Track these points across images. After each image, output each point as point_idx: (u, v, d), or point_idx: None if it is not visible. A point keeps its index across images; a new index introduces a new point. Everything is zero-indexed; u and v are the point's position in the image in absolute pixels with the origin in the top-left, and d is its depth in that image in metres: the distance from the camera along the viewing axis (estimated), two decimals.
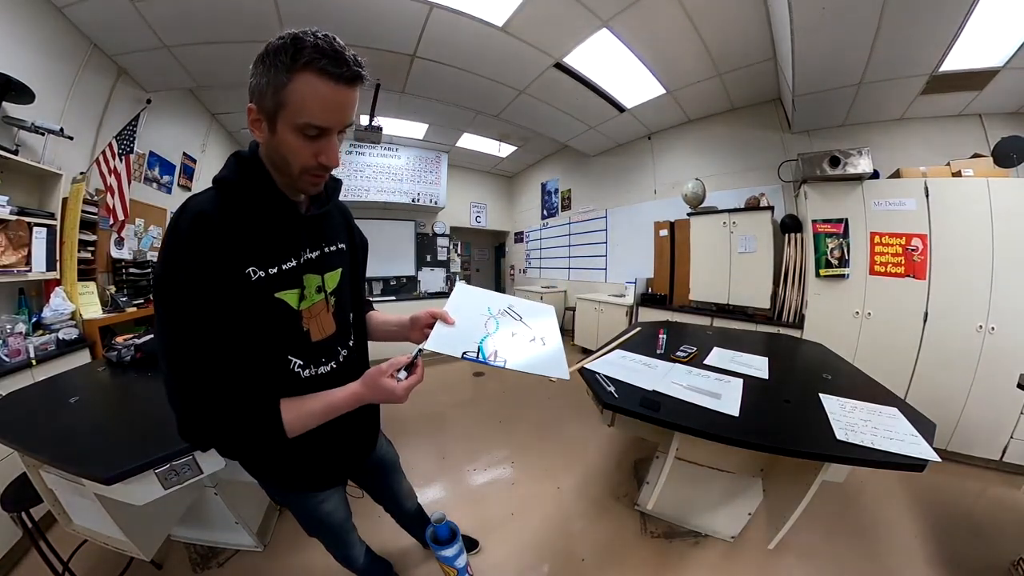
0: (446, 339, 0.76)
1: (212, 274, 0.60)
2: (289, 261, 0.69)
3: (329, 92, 0.58)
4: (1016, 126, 2.55)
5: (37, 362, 1.85)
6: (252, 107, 0.62)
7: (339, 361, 0.80)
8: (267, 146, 0.65)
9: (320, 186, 0.70)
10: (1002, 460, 2.27)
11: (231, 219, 0.63)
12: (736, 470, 1.55)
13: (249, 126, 0.64)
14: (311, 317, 0.74)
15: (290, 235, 0.71)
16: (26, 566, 1.54)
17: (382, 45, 2.90)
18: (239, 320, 0.63)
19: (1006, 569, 1.56)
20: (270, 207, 0.68)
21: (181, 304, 0.59)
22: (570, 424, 2.80)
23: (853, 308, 2.67)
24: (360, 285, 0.95)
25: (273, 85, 0.58)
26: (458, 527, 1.19)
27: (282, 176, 0.67)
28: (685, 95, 3.66)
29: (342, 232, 0.86)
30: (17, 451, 1.14)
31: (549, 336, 0.85)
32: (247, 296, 0.63)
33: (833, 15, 2.08)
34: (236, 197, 0.66)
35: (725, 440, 1.11)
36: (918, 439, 1.05)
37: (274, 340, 0.70)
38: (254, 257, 0.64)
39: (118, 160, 2.68)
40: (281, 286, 0.68)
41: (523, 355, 0.79)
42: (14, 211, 1.97)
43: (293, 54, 0.56)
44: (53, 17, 2.28)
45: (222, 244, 0.61)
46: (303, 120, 0.59)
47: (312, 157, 0.63)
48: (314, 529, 1.06)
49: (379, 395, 0.71)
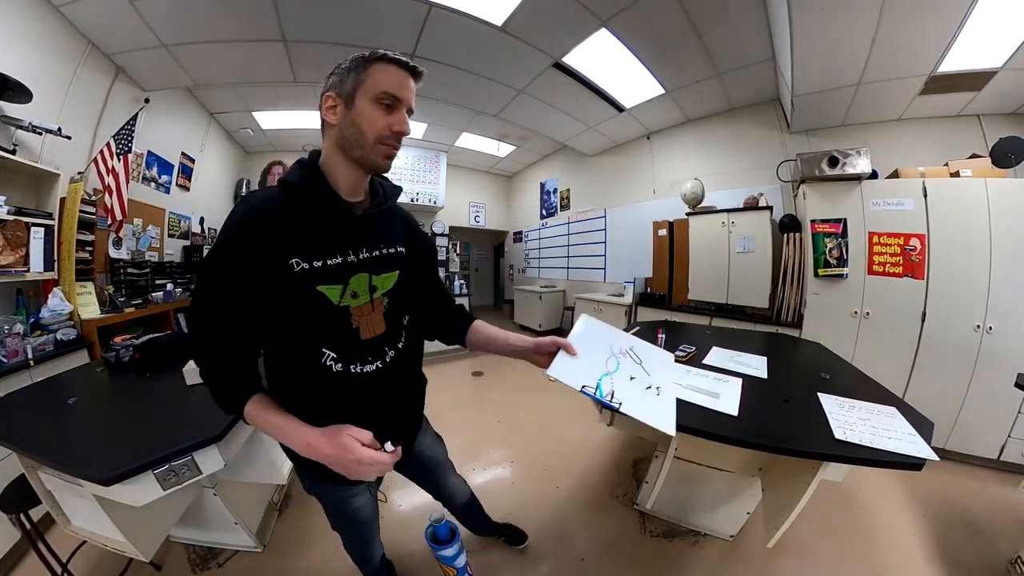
0: (568, 370, 0.81)
1: (250, 259, 0.67)
2: (335, 258, 0.73)
3: (397, 73, 0.71)
4: (1014, 126, 2.56)
5: (35, 363, 1.85)
6: (330, 95, 0.72)
7: (385, 361, 0.82)
8: (341, 125, 0.72)
9: (391, 160, 0.75)
10: (1000, 459, 2.28)
11: (285, 214, 0.71)
12: (735, 469, 1.55)
13: (324, 113, 0.74)
14: (361, 316, 0.77)
15: (340, 233, 0.75)
16: (25, 567, 1.53)
17: (381, 44, 2.86)
18: (275, 305, 0.70)
19: (1004, 568, 1.57)
20: (323, 205, 0.74)
21: (211, 277, 0.69)
22: (569, 424, 2.81)
23: (851, 308, 2.67)
24: (431, 288, 0.98)
25: (353, 72, 0.70)
26: (458, 527, 1.20)
27: (353, 154, 0.73)
28: (684, 95, 3.66)
29: (402, 236, 0.88)
30: (15, 452, 1.14)
31: (665, 387, 0.89)
32: (288, 285, 0.69)
33: (832, 15, 2.09)
34: (294, 196, 0.73)
35: (724, 439, 1.11)
36: (916, 438, 1.05)
37: (310, 330, 0.73)
38: (300, 250, 0.70)
39: (116, 160, 2.68)
40: (324, 280, 0.72)
41: (637, 402, 0.81)
42: (12, 211, 1.96)
43: (368, 56, 0.71)
44: (51, 16, 2.28)
45: (269, 234, 0.68)
46: (380, 89, 0.70)
47: (386, 127, 0.71)
48: (339, 523, 1.08)
49: (336, 450, 0.67)
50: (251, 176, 5.30)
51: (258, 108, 4.15)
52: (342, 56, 0.74)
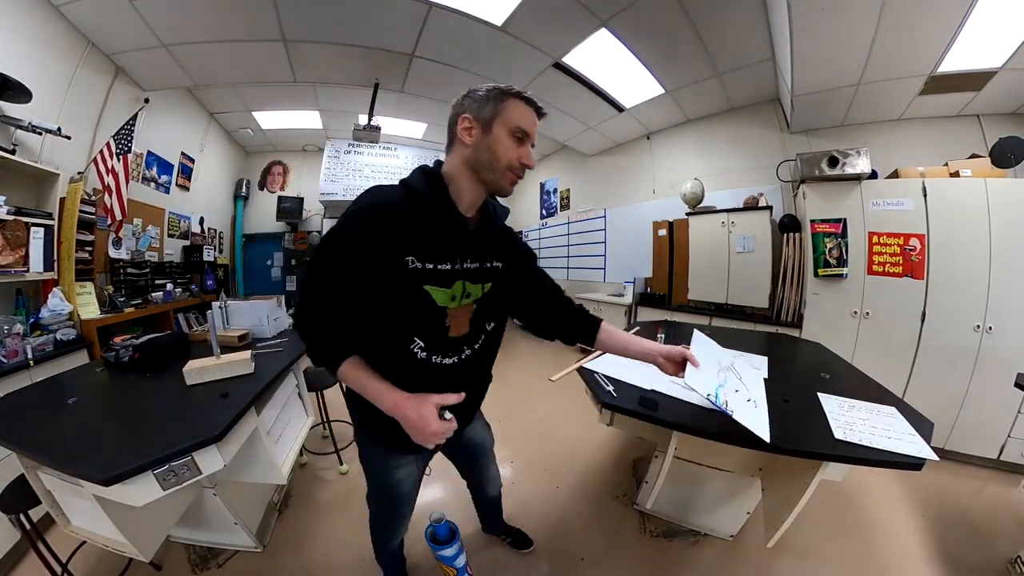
0: (697, 378, 0.95)
1: (371, 244, 0.74)
2: (445, 264, 0.81)
3: (529, 113, 0.81)
4: (1014, 126, 2.56)
5: (35, 363, 1.85)
6: (467, 116, 0.80)
7: (461, 358, 0.91)
8: (476, 148, 0.80)
9: (514, 187, 0.85)
10: (999, 459, 2.28)
11: (407, 214, 0.77)
12: (735, 469, 1.55)
13: (459, 133, 0.81)
14: (454, 317, 0.86)
15: (453, 243, 0.83)
16: (25, 568, 1.53)
17: (381, 44, 2.89)
18: (383, 292, 0.77)
19: (1004, 567, 1.57)
20: (442, 215, 0.81)
21: (332, 250, 0.77)
22: (569, 423, 2.81)
23: (851, 308, 2.68)
24: (541, 289, 1.10)
25: (491, 102, 0.79)
26: (458, 527, 1.20)
27: (482, 176, 0.82)
28: (684, 95, 3.66)
29: (503, 253, 0.96)
30: (15, 452, 1.14)
31: (759, 400, 1.06)
32: (399, 278, 0.77)
33: (832, 15, 2.09)
34: (416, 200, 0.79)
35: (724, 439, 1.11)
36: (916, 438, 1.06)
37: (407, 321, 0.81)
38: (416, 250, 0.77)
39: (116, 160, 2.68)
40: (432, 281, 0.80)
41: (742, 411, 0.97)
42: (11, 211, 1.96)
43: (505, 90, 0.79)
44: (50, 15, 2.28)
45: (393, 228, 0.75)
46: (516, 124, 0.79)
47: (516, 157, 0.80)
48: (376, 493, 1.15)
49: (417, 417, 0.77)
50: (251, 176, 5.30)
51: (258, 108, 4.15)
52: (342, 56, 0.74)
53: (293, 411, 1.84)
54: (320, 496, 2.05)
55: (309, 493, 2.07)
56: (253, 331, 2.15)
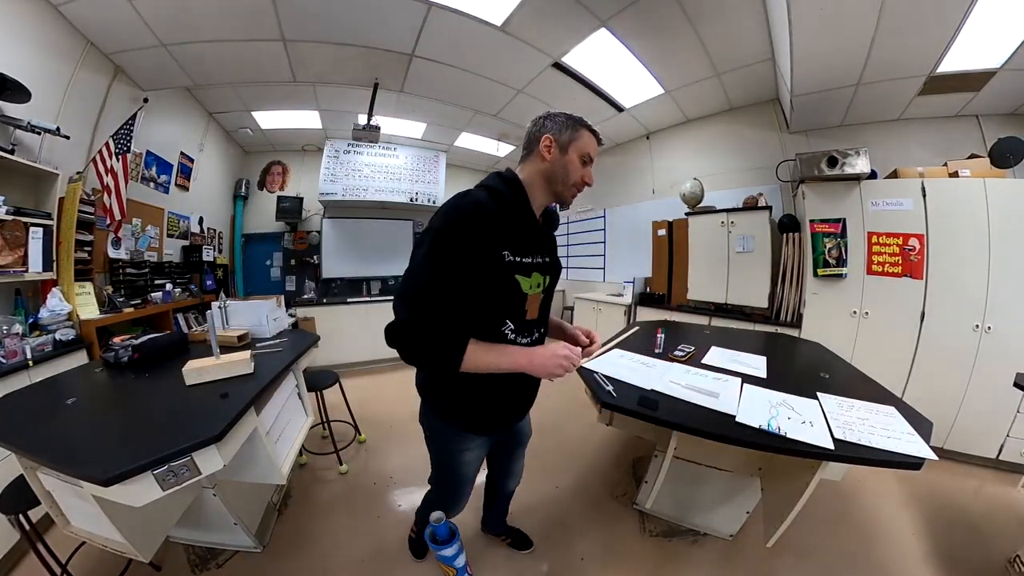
0: (751, 416, 1.18)
1: (474, 245, 0.86)
2: (528, 257, 0.97)
3: (594, 142, 1.01)
4: (1013, 127, 2.57)
5: (34, 363, 1.84)
6: (549, 136, 0.96)
7: (534, 338, 1.06)
8: (553, 164, 0.97)
9: (573, 200, 1.03)
10: (998, 458, 2.28)
11: (500, 215, 0.91)
12: (734, 469, 1.55)
13: (542, 148, 0.97)
14: (531, 302, 1.00)
15: (534, 240, 1.00)
16: (24, 568, 1.53)
17: (380, 44, 2.89)
18: (485, 284, 0.89)
19: (1003, 566, 1.58)
20: (523, 215, 0.98)
21: (442, 254, 0.85)
22: (568, 423, 2.81)
23: (851, 307, 2.68)
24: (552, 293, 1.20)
25: (570, 128, 0.97)
26: (458, 527, 1.19)
27: (554, 187, 1.00)
28: (683, 95, 3.66)
29: (552, 252, 1.13)
30: (14, 453, 1.14)
31: (815, 420, 1.18)
32: (498, 270, 0.90)
33: (831, 16, 2.09)
34: (501, 202, 0.94)
35: (723, 439, 1.11)
36: (915, 437, 1.06)
37: (501, 306, 0.96)
38: (510, 245, 0.92)
39: (115, 159, 2.67)
40: (520, 272, 0.95)
41: (797, 431, 1.10)
42: (10, 211, 1.96)
43: (580, 121, 0.98)
44: (49, 15, 2.27)
45: (492, 226, 0.88)
46: (586, 151, 0.98)
47: (580, 177, 0.99)
48: (442, 474, 1.25)
49: (552, 353, 0.92)
50: (250, 176, 5.29)
51: (257, 108, 4.14)
52: (342, 56, 0.75)
53: (293, 411, 1.84)
54: (320, 496, 2.05)
55: (309, 493, 2.07)
56: (253, 331, 2.15)
